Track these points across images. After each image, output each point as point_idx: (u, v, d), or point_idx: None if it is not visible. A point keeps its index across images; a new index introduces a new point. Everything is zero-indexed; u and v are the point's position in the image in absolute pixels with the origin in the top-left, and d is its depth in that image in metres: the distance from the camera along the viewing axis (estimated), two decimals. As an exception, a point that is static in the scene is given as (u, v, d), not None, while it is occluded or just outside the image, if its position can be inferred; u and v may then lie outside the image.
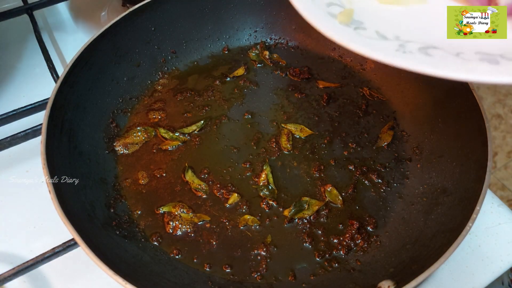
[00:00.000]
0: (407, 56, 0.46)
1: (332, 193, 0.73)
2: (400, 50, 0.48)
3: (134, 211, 0.72)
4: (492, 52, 0.47)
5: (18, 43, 1.10)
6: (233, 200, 0.73)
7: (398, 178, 0.75)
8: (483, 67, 0.44)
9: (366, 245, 0.67)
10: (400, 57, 0.46)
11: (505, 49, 0.47)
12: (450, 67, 0.43)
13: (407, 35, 0.51)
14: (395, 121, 0.83)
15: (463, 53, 0.47)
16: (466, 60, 0.45)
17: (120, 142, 0.80)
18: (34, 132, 0.77)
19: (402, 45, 0.49)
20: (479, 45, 0.49)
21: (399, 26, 0.54)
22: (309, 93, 0.89)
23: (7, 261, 0.70)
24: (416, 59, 0.46)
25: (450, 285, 0.67)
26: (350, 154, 0.79)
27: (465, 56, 0.46)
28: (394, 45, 0.49)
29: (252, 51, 0.97)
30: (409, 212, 0.70)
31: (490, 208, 0.75)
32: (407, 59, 0.46)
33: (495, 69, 0.43)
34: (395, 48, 0.48)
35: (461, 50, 0.47)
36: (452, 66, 0.44)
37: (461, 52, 0.47)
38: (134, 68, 0.88)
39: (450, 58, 0.46)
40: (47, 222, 0.75)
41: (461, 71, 0.43)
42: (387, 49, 0.48)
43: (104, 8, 1.18)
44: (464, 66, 0.44)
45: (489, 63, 0.44)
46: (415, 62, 0.45)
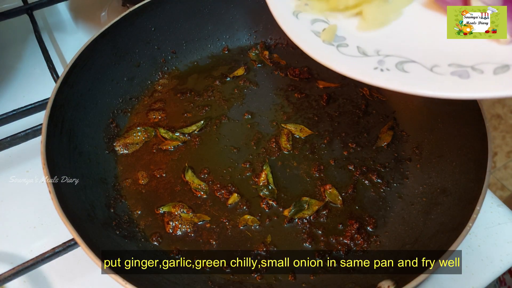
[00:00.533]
0: (384, 75, 0.49)
1: (332, 193, 0.73)
2: (378, 68, 0.51)
3: (134, 211, 0.72)
4: (464, 63, 0.49)
5: (18, 43, 1.10)
6: (233, 200, 0.73)
7: (398, 178, 0.75)
8: (452, 84, 0.46)
9: (366, 245, 0.67)
10: (378, 76, 0.49)
11: (478, 58, 0.49)
12: (423, 86, 0.47)
13: (387, 49, 0.54)
14: (395, 121, 0.83)
15: (437, 65, 0.49)
16: (439, 75, 0.48)
17: (120, 142, 0.80)
18: (34, 132, 0.77)
19: (381, 60, 0.52)
20: (454, 54, 0.51)
21: (379, 39, 0.56)
22: (309, 93, 0.89)
23: (7, 261, 0.70)
24: (392, 78, 0.49)
25: (450, 285, 0.67)
26: (350, 154, 0.79)
27: (439, 70, 0.49)
28: (373, 62, 0.52)
29: (252, 51, 0.97)
30: (409, 212, 0.70)
31: (490, 208, 0.75)
32: (384, 78, 0.49)
33: (464, 86, 0.46)
34: (373, 65, 0.51)
35: (436, 62, 0.50)
36: (425, 84, 0.47)
37: (436, 65, 0.50)
38: (134, 68, 0.88)
39: (424, 74, 0.49)
40: (47, 222, 0.75)
41: (433, 89, 0.46)
42: (366, 68, 0.51)
43: (104, 8, 1.18)
44: (436, 84, 0.47)
45: (460, 78, 0.47)
46: (391, 81, 0.48)
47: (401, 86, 0.47)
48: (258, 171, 0.76)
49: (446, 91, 0.46)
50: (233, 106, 0.87)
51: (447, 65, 0.49)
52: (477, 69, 0.48)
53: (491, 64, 0.48)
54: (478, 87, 0.45)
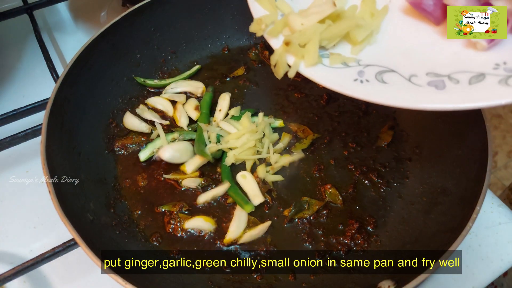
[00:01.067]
0: (364, 88, 0.50)
1: (332, 193, 0.73)
2: (358, 80, 0.51)
3: (134, 211, 0.72)
4: (442, 72, 0.49)
5: (18, 43, 1.10)
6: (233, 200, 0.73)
7: (398, 178, 0.75)
8: (429, 95, 0.47)
9: (366, 245, 0.67)
10: (357, 89, 0.50)
11: (455, 67, 0.50)
12: (401, 98, 0.48)
13: (367, 59, 0.54)
14: (395, 121, 0.83)
15: (415, 75, 0.50)
16: (416, 87, 0.49)
17: (119, 142, 0.80)
18: (34, 132, 0.77)
19: (361, 71, 0.52)
20: (432, 62, 0.51)
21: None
22: (309, 93, 0.89)
23: (7, 261, 0.70)
24: (371, 90, 0.50)
25: (450, 285, 0.67)
26: (350, 154, 0.79)
27: (417, 80, 0.50)
28: (354, 73, 0.52)
29: (252, 51, 0.97)
30: (409, 212, 0.70)
31: (490, 208, 0.75)
32: (364, 91, 0.49)
33: (439, 97, 0.47)
34: (353, 77, 0.51)
35: (415, 71, 0.51)
36: (403, 97, 0.48)
37: (414, 75, 0.50)
38: (134, 68, 0.88)
39: (402, 85, 0.49)
40: (47, 222, 0.75)
41: (410, 102, 0.47)
42: (346, 80, 0.51)
43: (104, 8, 1.18)
44: (413, 96, 0.48)
45: (436, 88, 0.48)
46: (370, 94, 0.49)
47: (380, 99, 0.48)
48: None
49: (423, 103, 0.46)
50: (233, 105, 0.87)
51: (425, 74, 0.50)
52: (453, 78, 0.48)
53: (468, 73, 0.48)
54: (453, 99, 0.46)
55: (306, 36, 0.53)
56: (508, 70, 0.47)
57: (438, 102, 0.46)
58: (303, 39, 0.53)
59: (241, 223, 0.69)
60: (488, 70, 0.47)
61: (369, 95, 0.49)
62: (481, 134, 0.63)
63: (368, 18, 0.57)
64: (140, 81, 0.88)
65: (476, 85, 0.46)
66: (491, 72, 0.47)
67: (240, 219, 0.69)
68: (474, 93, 0.45)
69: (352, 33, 0.54)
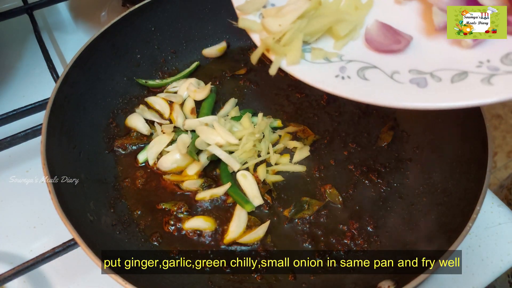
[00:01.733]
0: (346, 85, 0.49)
1: (332, 193, 0.73)
2: (340, 76, 0.50)
3: (134, 211, 0.72)
4: (424, 69, 0.48)
5: (18, 43, 1.10)
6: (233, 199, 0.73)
7: (398, 178, 0.75)
8: (410, 93, 0.46)
9: (366, 245, 0.67)
10: (338, 86, 0.49)
11: (438, 64, 0.48)
12: (382, 96, 0.46)
13: (350, 54, 0.53)
14: (395, 121, 0.83)
15: (398, 72, 0.49)
16: (398, 84, 0.47)
17: (119, 142, 0.80)
18: (34, 132, 0.77)
19: (343, 67, 0.51)
20: (415, 59, 0.50)
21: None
22: (309, 93, 0.89)
23: (7, 261, 0.70)
24: (352, 87, 0.48)
25: (450, 285, 0.67)
26: (350, 154, 0.79)
27: (399, 77, 0.48)
28: (335, 69, 0.51)
29: (252, 51, 0.96)
30: (409, 212, 0.70)
31: (490, 208, 0.75)
32: (345, 88, 0.48)
33: (420, 96, 0.45)
34: (335, 73, 0.50)
35: (397, 67, 0.49)
36: (384, 94, 0.47)
37: (396, 72, 0.49)
38: (134, 68, 0.88)
39: (384, 82, 0.48)
40: (47, 222, 0.75)
41: (391, 100, 0.46)
42: (327, 76, 0.50)
43: (104, 8, 1.18)
44: (394, 93, 0.46)
45: (418, 86, 0.46)
46: (351, 91, 0.48)
47: (361, 97, 0.47)
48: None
49: (404, 101, 0.45)
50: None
51: (408, 71, 0.49)
52: (435, 76, 0.47)
53: (450, 71, 0.47)
54: (434, 97, 0.44)
55: (286, 37, 0.51)
56: (492, 68, 0.45)
57: (419, 101, 0.45)
58: (284, 40, 0.51)
59: (241, 222, 0.69)
60: (471, 68, 0.46)
61: (349, 92, 0.48)
62: (481, 134, 0.63)
63: (353, 11, 0.55)
64: (142, 82, 0.88)
65: (458, 84, 0.45)
66: (474, 70, 0.46)
67: (240, 219, 0.69)
68: (455, 92, 0.44)
69: (335, 27, 0.53)
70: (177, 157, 0.75)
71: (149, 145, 0.78)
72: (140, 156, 0.78)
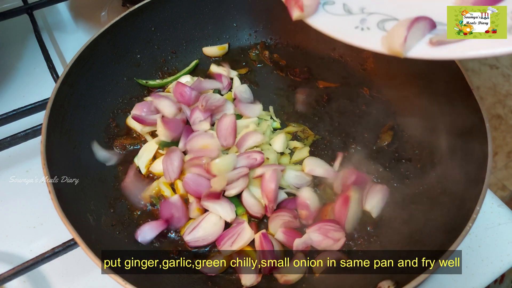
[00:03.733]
0: (363, 35, 0.49)
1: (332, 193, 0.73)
2: (359, 27, 0.50)
3: (134, 211, 0.72)
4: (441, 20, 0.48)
5: (18, 43, 1.10)
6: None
7: (398, 178, 0.75)
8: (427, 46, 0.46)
9: (366, 245, 0.67)
10: (356, 36, 0.49)
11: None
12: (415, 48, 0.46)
13: (372, 6, 0.53)
14: (395, 121, 0.83)
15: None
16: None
17: (119, 142, 0.80)
18: (34, 132, 0.77)
19: (364, 19, 0.51)
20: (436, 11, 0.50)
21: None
22: (309, 93, 0.89)
23: (7, 261, 0.70)
24: (370, 37, 0.49)
25: (450, 285, 0.67)
26: (350, 154, 0.79)
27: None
28: (356, 21, 0.51)
29: (252, 51, 0.97)
30: (409, 212, 0.70)
31: (490, 208, 0.75)
32: (361, 38, 0.49)
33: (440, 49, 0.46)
34: (355, 24, 0.51)
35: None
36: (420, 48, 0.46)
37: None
38: (134, 68, 0.88)
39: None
40: (47, 222, 0.75)
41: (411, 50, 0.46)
42: (346, 27, 0.51)
43: (104, 8, 1.18)
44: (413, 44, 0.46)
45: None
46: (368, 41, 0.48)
47: (377, 46, 0.48)
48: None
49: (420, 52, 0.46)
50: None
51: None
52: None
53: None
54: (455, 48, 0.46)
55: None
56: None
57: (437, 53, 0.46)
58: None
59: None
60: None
61: (366, 42, 0.49)
62: (481, 134, 0.63)
63: None
64: (143, 82, 0.88)
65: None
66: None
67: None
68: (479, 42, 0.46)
69: None
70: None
71: (138, 154, 0.78)
72: (135, 160, 0.78)
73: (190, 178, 0.69)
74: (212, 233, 0.66)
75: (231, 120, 0.75)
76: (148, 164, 0.77)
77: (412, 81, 0.81)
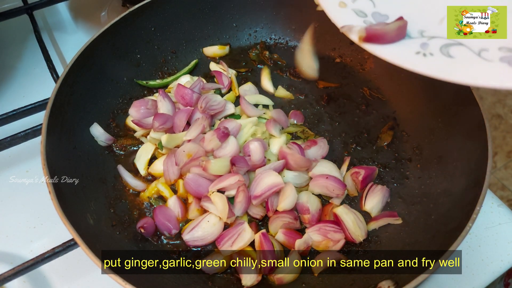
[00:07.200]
0: (427, 62, 0.45)
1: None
2: (421, 53, 0.46)
3: (134, 211, 0.72)
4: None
5: (18, 43, 1.10)
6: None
7: (398, 178, 0.75)
8: (500, 73, 0.42)
9: (366, 245, 0.67)
10: (419, 63, 0.45)
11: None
12: (468, 75, 0.43)
13: (432, 30, 0.49)
14: (395, 121, 0.83)
15: (486, 50, 0.45)
16: (487, 62, 0.44)
17: (119, 142, 0.80)
18: (34, 132, 0.77)
19: (425, 43, 0.48)
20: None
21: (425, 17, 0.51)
22: (309, 93, 0.89)
23: (7, 261, 0.70)
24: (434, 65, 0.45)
25: (450, 285, 0.67)
26: (350, 154, 0.79)
27: (487, 55, 0.45)
28: (416, 46, 0.48)
29: (252, 51, 0.97)
30: (409, 212, 0.70)
31: (490, 208, 0.75)
32: (426, 66, 0.45)
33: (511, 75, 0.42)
34: (416, 50, 0.47)
35: (485, 45, 0.46)
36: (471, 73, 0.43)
37: (484, 49, 0.46)
38: (134, 68, 0.88)
39: (471, 60, 0.45)
40: (47, 222, 0.75)
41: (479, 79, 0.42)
42: (407, 53, 0.47)
43: (104, 8, 1.18)
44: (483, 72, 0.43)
45: (509, 65, 0.43)
46: (433, 69, 0.44)
47: (445, 75, 0.44)
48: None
49: (493, 81, 0.42)
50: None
51: (497, 49, 0.45)
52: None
53: None
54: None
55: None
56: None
57: (510, 81, 0.41)
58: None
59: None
60: None
61: (431, 70, 0.45)
62: (481, 134, 0.63)
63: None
64: (143, 83, 0.88)
65: None
66: None
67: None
68: None
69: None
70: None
71: (136, 156, 0.78)
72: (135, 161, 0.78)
73: (191, 179, 0.69)
74: (211, 233, 0.66)
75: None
76: (146, 165, 0.77)
77: (412, 81, 0.81)
